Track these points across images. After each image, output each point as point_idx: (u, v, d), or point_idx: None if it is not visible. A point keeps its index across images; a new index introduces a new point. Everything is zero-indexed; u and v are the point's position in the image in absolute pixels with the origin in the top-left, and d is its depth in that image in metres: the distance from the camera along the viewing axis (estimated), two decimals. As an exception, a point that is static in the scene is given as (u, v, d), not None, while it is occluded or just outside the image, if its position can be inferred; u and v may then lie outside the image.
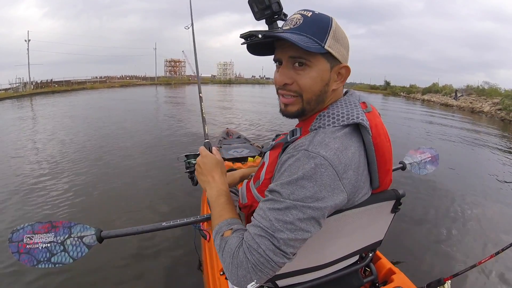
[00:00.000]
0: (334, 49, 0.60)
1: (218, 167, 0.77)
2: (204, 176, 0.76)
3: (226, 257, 0.55)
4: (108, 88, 27.31)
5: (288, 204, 0.52)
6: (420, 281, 1.11)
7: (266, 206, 0.55)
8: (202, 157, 0.78)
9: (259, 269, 0.51)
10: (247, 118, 8.68)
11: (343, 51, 0.62)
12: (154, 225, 0.81)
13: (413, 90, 34.23)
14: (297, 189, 0.52)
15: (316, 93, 0.62)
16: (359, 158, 0.59)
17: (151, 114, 9.91)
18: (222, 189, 0.72)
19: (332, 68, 0.61)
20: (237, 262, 0.53)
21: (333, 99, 0.66)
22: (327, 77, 0.61)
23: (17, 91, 19.53)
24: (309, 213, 0.52)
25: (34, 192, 3.19)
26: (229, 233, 0.58)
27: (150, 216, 2.64)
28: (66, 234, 0.71)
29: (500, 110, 14.75)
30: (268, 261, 0.51)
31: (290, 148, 0.60)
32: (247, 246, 0.53)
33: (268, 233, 0.52)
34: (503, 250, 1.35)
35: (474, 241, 2.35)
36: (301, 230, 0.52)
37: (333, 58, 0.60)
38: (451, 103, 21.33)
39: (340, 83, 0.65)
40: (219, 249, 0.57)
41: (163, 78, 47.56)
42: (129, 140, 5.70)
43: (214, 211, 0.67)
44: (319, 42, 0.58)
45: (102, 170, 3.91)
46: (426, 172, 1.52)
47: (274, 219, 0.52)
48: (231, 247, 0.55)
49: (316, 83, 0.61)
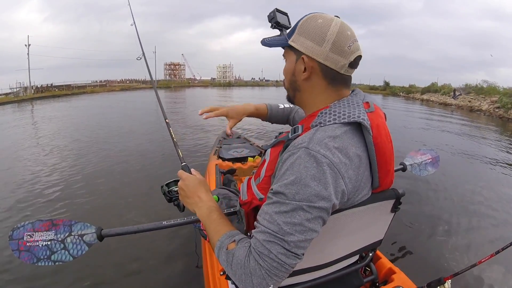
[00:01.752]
0: (296, 42, 0.65)
1: (202, 185, 0.75)
2: (190, 198, 0.74)
3: (236, 269, 0.53)
4: (108, 92, 27.28)
5: (294, 205, 0.52)
6: (420, 281, 1.11)
7: (271, 210, 0.54)
8: (183, 180, 0.77)
9: (274, 273, 0.51)
10: (246, 119, 8.65)
11: (308, 43, 0.63)
12: (154, 224, 0.81)
13: (413, 90, 34.17)
14: (301, 188, 0.52)
15: (288, 81, 0.71)
16: (360, 158, 0.59)
17: (153, 117, 9.88)
18: (212, 205, 0.70)
19: (297, 59, 0.66)
20: (250, 271, 0.52)
21: (317, 92, 0.66)
22: (293, 68, 0.68)
23: (17, 95, 19.58)
24: (316, 212, 0.52)
25: (35, 191, 3.20)
26: (233, 245, 0.57)
27: (150, 216, 2.64)
28: (67, 232, 0.71)
29: (498, 108, 14.75)
30: (282, 264, 0.51)
31: (291, 146, 0.59)
32: (257, 253, 0.52)
33: (277, 238, 0.51)
34: (503, 249, 1.35)
35: (474, 240, 2.35)
36: (310, 230, 0.52)
37: (297, 50, 0.65)
38: (449, 102, 21.34)
39: (307, 74, 0.65)
40: (227, 264, 0.56)
41: (163, 81, 47.50)
42: (129, 141, 5.71)
43: (210, 229, 0.65)
44: (287, 39, 0.67)
45: (104, 170, 3.92)
46: (426, 174, 1.53)
47: (282, 223, 0.51)
48: (240, 258, 0.53)
49: (287, 73, 0.71)
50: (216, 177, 2.08)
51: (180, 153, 1.00)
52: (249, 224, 0.75)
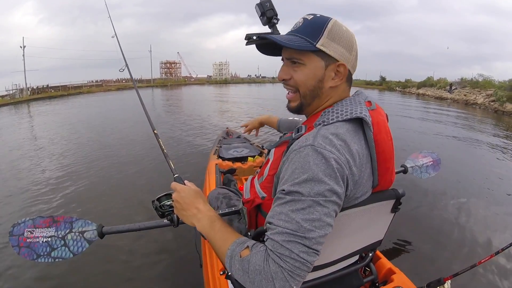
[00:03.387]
0: (328, 48, 0.62)
1: (199, 196, 0.70)
2: (187, 210, 0.68)
3: (255, 276, 0.51)
4: (105, 91, 27.03)
5: (311, 201, 0.51)
6: (420, 281, 1.11)
7: (287, 209, 0.53)
8: (178, 192, 0.70)
9: (297, 273, 0.50)
10: (246, 120, 8.68)
11: (341, 50, 0.63)
12: (155, 222, 0.81)
13: (408, 85, 34.00)
14: (315, 184, 0.52)
15: (310, 88, 0.66)
16: (362, 155, 0.60)
17: (153, 119, 9.87)
18: (212, 215, 0.66)
19: (327, 66, 0.63)
20: (271, 275, 0.49)
21: (335, 97, 0.67)
22: (321, 74, 0.64)
23: (14, 97, 19.43)
24: (331, 206, 0.53)
25: (36, 188, 3.20)
26: (247, 252, 0.54)
27: (151, 214, 2.64)
28: (67, 229, 0.71)
29: (493, 102, 14.79)
30: (304, 263, 0.50)
31: (295, 145, 0.59)
32: (277, 255, 0.50)
33: (298, 236, 0.50)
34: (503, 250, 1.36)
35: (474, 241, 2.34)
36: (328, 225, 0.52)
37: (328, 56, 0.63)
38: (445, 96, 21.43)
39: (339, 81, 0.65)
40: (243, 273, 0.52)
41: (159, 80, 47.06)
42: (129, 142, 5.70)
43: (215, 239, 0.61)
44: (311, 42, 0.62)
45: (105, 170, 3.92)
46: (427, 176, 1.53)
47: (301, 220, 0.51)
48: (258, 263, 0.51)
49: (309, 79, 0.65)
50: (216, 176, 2.08)
51: (171, 165, 0.96)
52: (251, 222, 0.75)
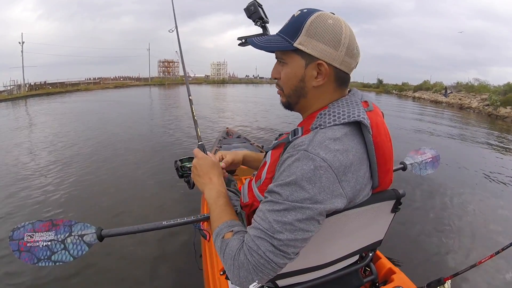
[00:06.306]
0: (306, 46, 0.59)
1: (215, 168, 0.77)
2: (201, 178, 0.76)
3: (227, 259, 0.56)
4: (102, 89, 27.03)
5: (286, 205, 0.52)
6: (420, 281, 1.11)
7: (265, 208, 0.55)
8: (198, 159, 0.78)
9: (260, 270, 0.52)
10: (246, 119, 8.68)
11: (322, 47, 0.58)
12: (154, 224, 0.81)
13: (405, 88, 34.51)
14: (296, 190, 0.52)
15: (292, 88, 0.65)
16: (360, 160, 0.58)
17: (149, 117, 9.86)
18: (221, 190, 0.72)
19: (307, 64, 0.61)
20: (238, 263, 0.53)
21: (325, 97, 0.65)
22: (301, 74, 0.62)
23: (11, 93, 19.39)
24: (308, 213, 0.52)
25: (34, 192, 3.19)
26: (229, 235, 0.59)
27: (150, 216, 2.64)
28: (67, 232, 0.71)
29: (487, 106, 15.03)
30: (269, 262, 0.52)
31: (290, 148, 0.59)
32: (247, 248, 0.53)
33: (267, 235, 0.52)
34: (503, 250, 1.35)
35: (474, 241, 2.35)
36: (301, 230, 0.52)
37: (308, 55, 0.59)
38: (440, 99, 21.74)
39: (322, 80, 0.61)
40: (220, 251, 0.58)
41: (156, 78, 46.77)
42: (128, 142, 5.70)
43: (214, 213, 0.67)
44: (289, 40, 0.60)
45: (104, 172, 3.91)
46: (427, 173, 1.53)
47: (273, 221, 0.52)
48: (232, 249, 0.55)
49: (290, 79, 0.64)
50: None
51: (198, 132, 1.00)
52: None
